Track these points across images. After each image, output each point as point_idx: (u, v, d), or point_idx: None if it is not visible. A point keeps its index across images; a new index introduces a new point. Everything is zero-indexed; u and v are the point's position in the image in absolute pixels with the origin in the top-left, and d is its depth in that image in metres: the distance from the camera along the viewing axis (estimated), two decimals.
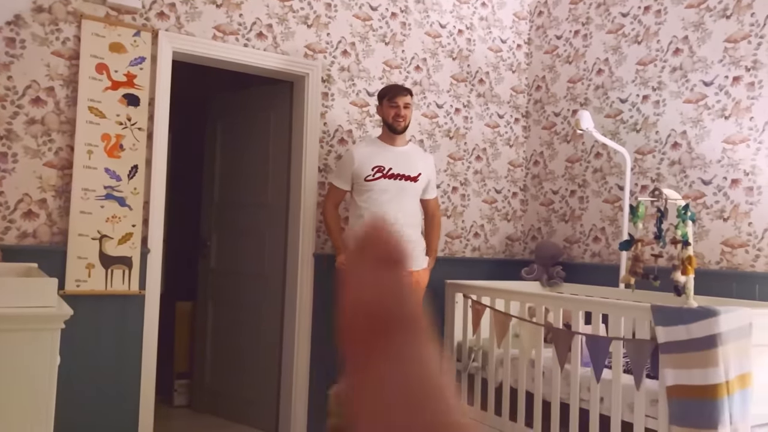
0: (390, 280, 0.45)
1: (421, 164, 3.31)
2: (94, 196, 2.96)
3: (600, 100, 3.88)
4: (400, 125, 3.23)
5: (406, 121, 3.24)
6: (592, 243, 3.87)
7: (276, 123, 3.79)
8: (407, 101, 3.22)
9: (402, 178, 3.23)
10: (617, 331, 2.60)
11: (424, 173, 3.30)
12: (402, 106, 3.21)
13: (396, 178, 3.23)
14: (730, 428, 2.23)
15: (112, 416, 2.99)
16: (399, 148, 3.30)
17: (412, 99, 3.28)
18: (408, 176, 3.24)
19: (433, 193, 3.42)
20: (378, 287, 0.44)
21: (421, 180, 3.29)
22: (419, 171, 3.27)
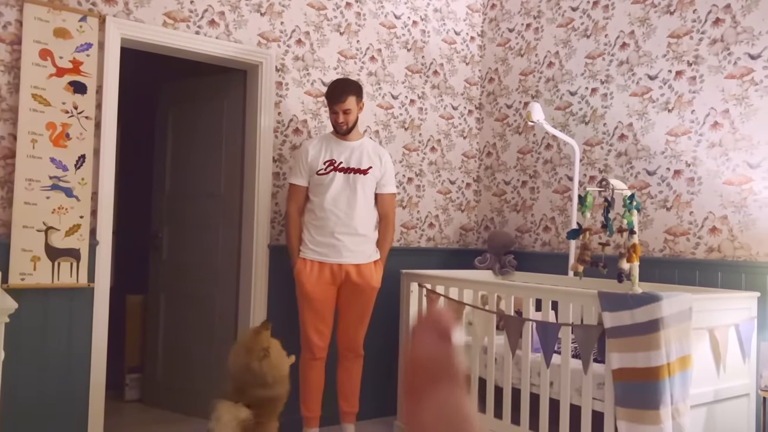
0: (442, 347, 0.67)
1: (374, 158, 3.30)
2: (39, 187, 2.87)
3: (551, 92, 3.97)
4: (342, 129, 3.24)
5: (348, 125, 3.23)
6: (542, 232, 3.96)
7: (229, 112, 3.74)
8: (345, 107, 3.18)
9: (352, 171, 3.24)
10: (566, 318, 2.69)
11: (375, 167, 3.29)
12: (341, 113, 3.19)
13: (347, 171, 3.24)
14: (671, 408, 2.34)
15: (61, 412, 2.92)
16: (351, 142, 3.30)
17: (356, 96, 3.22)
18: (358, 169, 3.25)
19: (389, 188, 3.38)
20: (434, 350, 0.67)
21: (372, 173, 3.27)
22: (369, 164, 3.27)
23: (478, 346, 3.10)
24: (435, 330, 0.70)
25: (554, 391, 2.74)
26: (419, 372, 0.70)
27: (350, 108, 3.20)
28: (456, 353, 0.70)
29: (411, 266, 3.89)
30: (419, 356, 0.70)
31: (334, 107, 3.21)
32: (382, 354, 3.89)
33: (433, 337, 0.70)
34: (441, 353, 0.70)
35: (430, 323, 0.71)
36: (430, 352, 0.70)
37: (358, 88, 3.27)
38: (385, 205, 3.36)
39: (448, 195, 4.31)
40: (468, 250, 4.34)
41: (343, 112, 3.20)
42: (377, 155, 3.33)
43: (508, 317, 2.91)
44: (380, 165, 3.32)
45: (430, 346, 0.70)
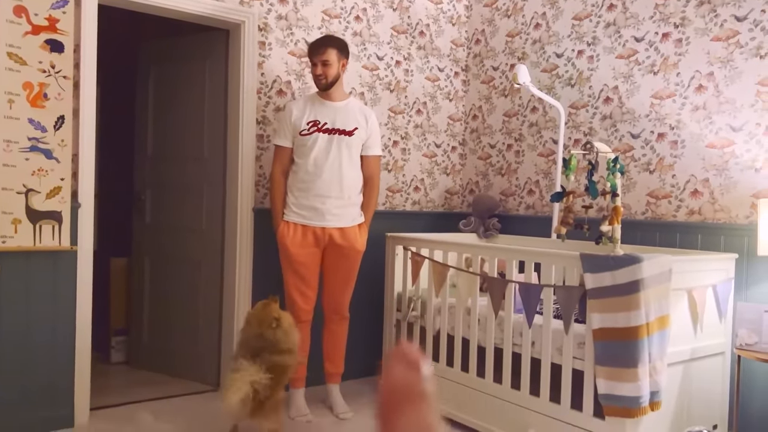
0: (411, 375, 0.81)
1: (360, 119, 3.23)
2: (18, 148, 2.82)
3: (537, 54, 3.94)
4: (321, 83, 3.16)
5: (327, 78, 3.14)
6: (526, 196, 3.98)
7: (211, 73, 3.67)
8: (325, 58, 3.10)
9: (337, 132, 3.17)
10: (548, 279, 2.72)
11: (361, 128, 3.22)
12: (320, 64, 3.12)
13: (331, 132, 3.17)
14: (649, 366, 2.40)
15: (47, 375, 2.93)
16: (336, 103, 3.22)
17: (337, 50, 3.13)
18: (343, 130, 3.18)
19: (374, 150, 3.31)
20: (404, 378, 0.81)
21: (357, 135, 3.20)
22: (355, 125, 3.20)
23: (462, 307, 3.14)
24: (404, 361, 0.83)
25: (536, 350, 2.79)
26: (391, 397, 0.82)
27: (329, 60, 3.11)
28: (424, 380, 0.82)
29: (396, 230, 3.90)
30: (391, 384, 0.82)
31: (313, 59, 3.14)
32: (368, 315, 3.92)
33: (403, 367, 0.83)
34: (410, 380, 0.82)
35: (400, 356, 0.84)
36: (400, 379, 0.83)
37: (341, 44, 3.18)
38: (370, 168, 3.30)
39: (434, 158, 4.30)
40: (453, 213, 4.36)
41: (321, 64, 3.11)
42: (363, 116, 3.25)
43: (491, 279, 2.95)
44: (366, 126, 3.25)
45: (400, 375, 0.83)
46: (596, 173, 2.94)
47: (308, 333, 3.26)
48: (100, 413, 3.17)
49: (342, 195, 3.17)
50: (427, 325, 3.35)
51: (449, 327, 3.24)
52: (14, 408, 2.84)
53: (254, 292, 3.55)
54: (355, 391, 3.65)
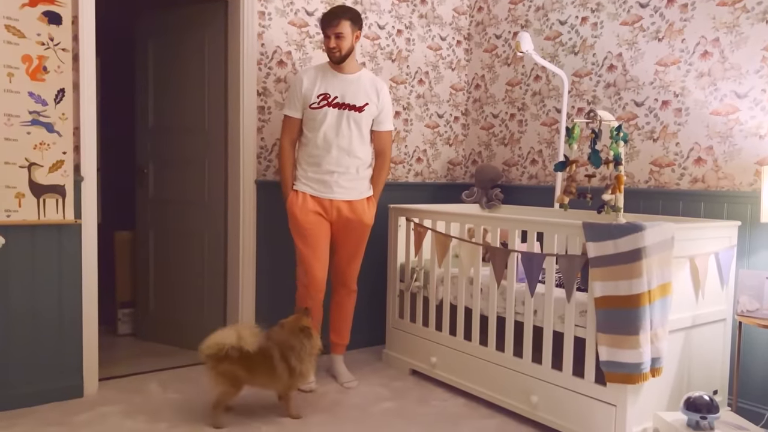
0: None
1: (371, 93, 3.16)
2: (19, 122, 2.81)
3: (540, 21, 3.88)
4: (335, 56, 3.09)
5: (341, 51, 3.07)
6: (529, 165, 3.97)
7: (210, 44, 3.64)
8: (338, 31, 3.04)
9: (347, 107, 3.12)
10: (551, 248, 2.73)
11: (371, 103, 3.16)
12: (333, 37, 3.05)
13: (341, 107, 3.11)
14: (650, 333, 2.42)
15: (56, 346, 2.97)
16: (348, 75, 3.15)
17: (351, 22, 3.07)
18: (353, 106, 3.12)
19: (386, 126, 3.24)
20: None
21: (368, 110, 3.15)
22: (366, 101, 3.14)
23: (465, 277, 3.16)
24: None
25: (538, 318, 2.81)
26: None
27: (343, 32, 3.04)
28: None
29: (399, 201, 3.91)
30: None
31: (326, 31, 3.07)
32: (371, 286, 3.95)
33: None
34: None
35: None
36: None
37: (354, 15, 3.11)
38: (382, 143, 3.26)
39: (436, 129, 4.28)
40: (456, 184, 4.35)
41: (335, 37, 3.05)
42: (375, 90, 3.18)
43: (494, 249, 2.95)
44: (377, 101, 3.19)
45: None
46: (599, 142, 2.92)
47: (320, 309, 3.24)
48: (108, 383, 3.22)
49: (350, 170, 3.15)
50: (430, 295, 3.37)
51: (452, 297, 3.26)
52: (24, 379, 2.89)
53: (258, 263, 3.57)
54: (359, 360, 3.70)
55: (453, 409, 3.02)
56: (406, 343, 3.54)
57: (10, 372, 2.85)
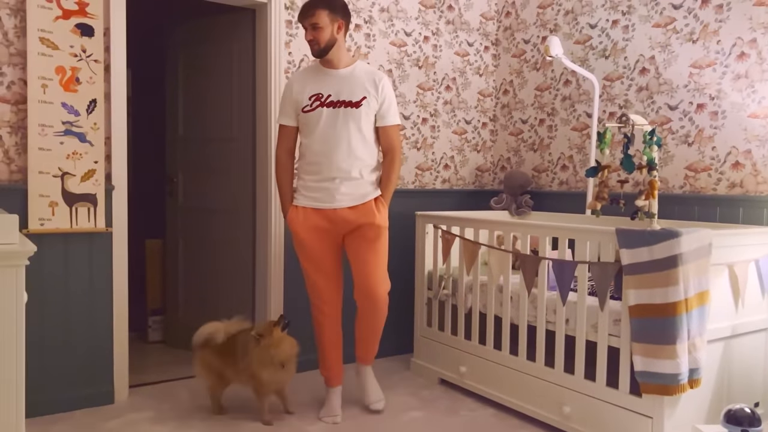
0: None
1: (369, 86, 2.82)
2: (53, 132, 2.86)
3: (570, 25, 3.83)
4: (314, 49, 2.79)
5: (319, 44, 2.76)
6: (560, 171, 3.91)
7: (239, 53, 3.67)
8: (314, 21, 2.73)
9: (342, 104, 2.80)
10: (583, 256, 2.67)
11: (370, 96, 2.81)
12: (309, 29, 2.76)
13: (336, 105, 2.80)
14: (688, 343, 2.34)
15: (87, 353, 3.00)
16: (341, 70, 2.84)
17: (328, 11, 2.74)
18: (349, 102, 2.80)
19: (391, 119, 2.89)
20: None
21: (366, 105, 2.81)
22: (363, 94, 2.80)
23: (494, 285, 3.11)
24: None
25: (570, 327, 2.75)
26: None
27: (319, 23, 2.73)
28: None
29: (426, 208, 3.88)
30: None
31: (302, 23, 2.80)
32: (399, 294, 3.92)
33: None
34: None
35: None
36: None
37: (333, 3, 2.77)
38: (389, 139, 2.90)
39: (464, 135, 4.24)
40: (484, 191, 4.30)
41: (311, 28, 2.75)
42: (372, 82, 2.83)
43: (524, 256, 2.90)
44: (377, 94, 2.83)
45: None
46: (632, 147, 2.86)
47: (335, 329, 3.02)
48: (139, 390, 3.24)
49: (353, 174, 2.82)
50: (459, 304, 3.33)
51: (481, 305, 3.22)
52: (56, 386, 2.93)
53: (286, 271, 3.57)
54: (387, 369, 3.67)
55: (482, 420, 2.96)
56: (435, 352, 3.49)
57: (43, 378, 2.89)
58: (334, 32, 2.78)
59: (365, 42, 3.77)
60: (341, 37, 2.82)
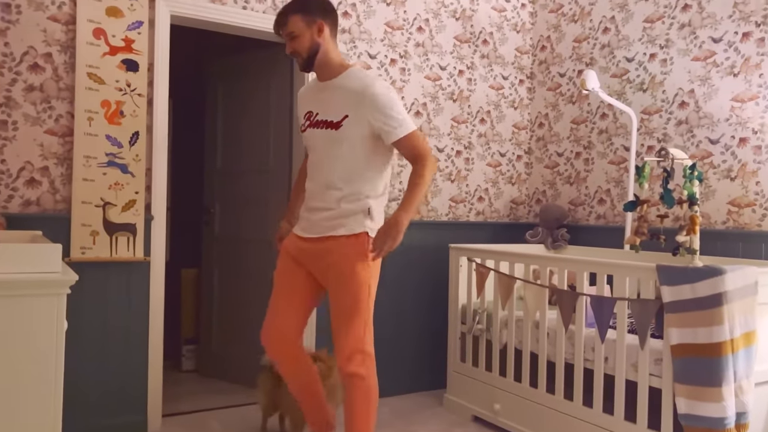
0: None
1: (351, 101, 2.31)
2: (96, 164, 2.95)
3: (606, 59, 3.81)
4: (299, 63, 2.40)
5: (301, 54, 2.35)
6: (597, 205, 3.85)
7: (276, 87, 3.74)
8: (288, 30, 2.34)
9: (324, 125, 2.36)
10: (622, 292, 2.60)
11: (352, 115, 2.30)
12: (287, 40, 2.37)
13: (320, 126, 2.38)
14: (734, 385, 2.25)
15: (122, 381, 3.03)
16: (328, 82, 2.39)
17: (301, 14, 2.33)
18: (330, 122, 2.34)
19: (397, 133, 2.29)
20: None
21: (348, 125, 2.30)
22: (344, 113, 2.31)
23: (530, 320, 3.05)
24: None
25: (609, 366, 2.67)
26: None
27: (294, 31, 2.33)
28: None
29: (459, 240, 3.85)
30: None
31: (279, 35, 2.42)
32: (432, 328, 3.88)
33: None
34: None
35: None
36: None
37: (305, 5, 2.35)
38: (406, 151, 2.34)
39: (498, 168, 4.23)
40: (519, 224, 4.26)
41: (288, 38, 2.35)
42: (358, 96, 2.29)
43: (561, 291, 2.85)
44: (363, 110, 2.29)
45: None
46: (672, 181, 2.80)
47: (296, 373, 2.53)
48: (172, 420, 3.25)
49: (330, 205, 2.36)
50: (494, 339, 3.27)
51: (517, 341, 3.15)
52: (91, 413, 2.95)
53: None
54: (419, 404, 3.61)
55: None
56: (468, 388, 3.43)
57: (80, 406, 2.92)
58: (315, 36, 2.34)
59: (400, 76, 3.81)
60: (325, 40, 2.36)
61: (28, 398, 1.60)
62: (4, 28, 2.78)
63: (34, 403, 1.60)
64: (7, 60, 2.79)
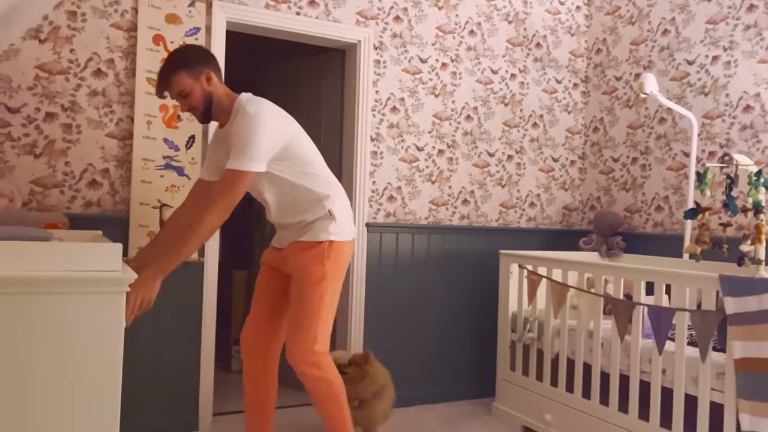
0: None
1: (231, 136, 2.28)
2: (154, 166, 3.03)
3: (665, 62, 3.69)
4: (199, 119, 2.36)
5: (198, 107, 2.30)
6: (654, 212, 3.72)
7: (328, 92, 3.77)
8: (179, 90, 2.26)
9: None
10: (681, 302, 2.51)
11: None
12: (178, 99, 2.31)
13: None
14: None
15: (173, 380, 3.10)
16: (225, 128, 2.36)
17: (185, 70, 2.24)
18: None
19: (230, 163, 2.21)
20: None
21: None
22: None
23: (584, 330, 2.97)
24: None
25: (667, 379, 2.57)
26: None
27: (184, 89, 2.26)
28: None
29: (509, 247, 3.79)
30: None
31: (164, 96, 2.33)
32: (481, 336, 3.83)
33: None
34: None
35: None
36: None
37: (183, 58, 2.28)
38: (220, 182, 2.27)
39: (551, 173, 4.15)
40: (572, 231, 4.17)
41: (179, 97, 2.29)
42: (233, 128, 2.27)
43: (616, 301, 2.76)
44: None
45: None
46: (736, 188, 2.69)
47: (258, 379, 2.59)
48: (222, 419, 3.30)
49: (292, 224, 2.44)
50: (545, 348, 3.20)
51: (569, 351, 3.08)
52: (144, 410, 3.03)
53: (367, 306, 3.57)
54: (467, 412, 3.56)
55: None
56: (518, 398, 3.36)
57: (133, 402, 2.99)
58: (205, 87, 2.29)
59: (451, 80, 3.79)
60: (215, 86, 2.31)
61: (87, 394, 1.64)
62: (70, 35, 2.89)
63: (93, 399, 1.65)
64: (73, 66, 2.90)
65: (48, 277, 1.60)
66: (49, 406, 1.59)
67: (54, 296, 1.61)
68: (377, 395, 2.83)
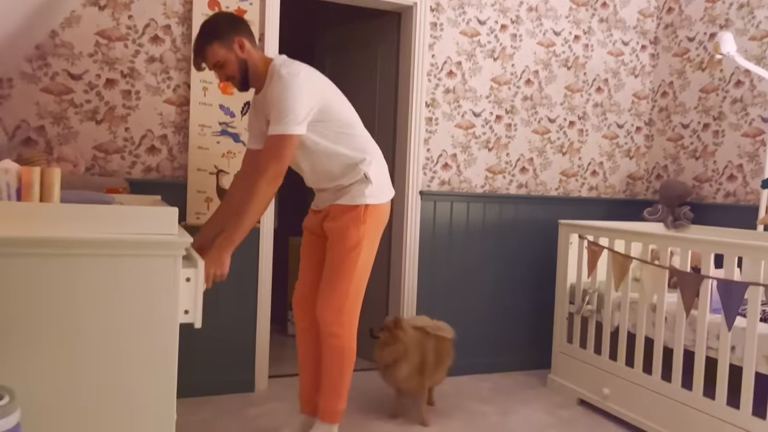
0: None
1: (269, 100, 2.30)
2: (210, 132, 3.05)
3: (744, 20, 3.44)
4: (236, 86, 2.38)
5: (236, 77, 2.32)
6: (726, 182, 3.52)
7: (383, 57, 3.70)
8: (214, 61, 2.28)
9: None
10: (755, 276, 2.36)
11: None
12: (214, 71, 2.33)
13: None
14: None
15: (230, 343, 3.17)
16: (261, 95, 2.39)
17: (216, 41, 2.25)
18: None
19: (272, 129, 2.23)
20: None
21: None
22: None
23: (647, 303, 2.85)
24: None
25: (736, 356, 2.44)
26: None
27: (219, 60, 2.28)
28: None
29: (569, 216, 3.68)
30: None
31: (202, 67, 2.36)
32: (539, 307, 3.75)
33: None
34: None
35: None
36: None
37: (214, 29, 2.28)
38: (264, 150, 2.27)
39: (615, 140, 3.97)
40: (636, 200, 3.99)
41: (215, 68, 2.31)
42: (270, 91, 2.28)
43: (683, 273, 2.63)
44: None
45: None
46: None
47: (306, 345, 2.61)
48: (277, 381, 3.37)
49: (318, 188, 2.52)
50: (605, 321, 3.10)
51: (630, 324, 2.97)
52: (202, 371, 3.11)
53: (420, 274, 3.54)
54: (521, 383, 3.51)
55: None
56: (575, 370, 3.28)
57: (191, 363, 3.08)
58: (240, 55, 2.30)
59: (511, 42, 3.65)
60: (249, 53, 2.32)
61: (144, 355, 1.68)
62: (129, 2, 2.92)
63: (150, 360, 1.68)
64: (131, 32, 2.93)
65: (108, 239, 1.63)
66: (107, 367, 1.64)
67: (113, 258, 1.64)
68: (401, 359, 2.81)
